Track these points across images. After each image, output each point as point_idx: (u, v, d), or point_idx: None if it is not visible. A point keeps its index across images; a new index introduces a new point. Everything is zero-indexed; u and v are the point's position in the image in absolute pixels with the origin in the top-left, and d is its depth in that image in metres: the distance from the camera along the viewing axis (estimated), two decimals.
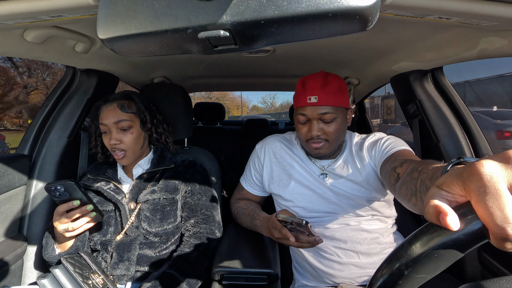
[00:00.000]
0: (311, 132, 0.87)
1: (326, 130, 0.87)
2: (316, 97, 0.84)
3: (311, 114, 0.86)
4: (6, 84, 11.40)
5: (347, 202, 0.91)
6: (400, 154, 0.79)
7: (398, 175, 0.68)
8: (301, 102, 0.87)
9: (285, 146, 1.03)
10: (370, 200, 0.90)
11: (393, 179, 0.69)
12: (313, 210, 0.94)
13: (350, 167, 0.92)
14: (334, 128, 0.87)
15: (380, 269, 0.28)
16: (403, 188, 0.61)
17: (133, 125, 0.93)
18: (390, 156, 0.81)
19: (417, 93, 1.14)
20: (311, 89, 0.85)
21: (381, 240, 0.90)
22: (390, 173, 0.72)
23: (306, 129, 0.89)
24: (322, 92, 0.85)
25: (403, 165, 0.68)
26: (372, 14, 0.32)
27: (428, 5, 0.52)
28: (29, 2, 0.53)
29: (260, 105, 43.74)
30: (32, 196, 1.00)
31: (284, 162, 1.00)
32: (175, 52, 0.38)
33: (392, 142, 0.87)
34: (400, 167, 0.69)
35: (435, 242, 0.25)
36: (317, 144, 0.89)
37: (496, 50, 0.74)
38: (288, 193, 0.96)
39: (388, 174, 0.73)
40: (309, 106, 0.86)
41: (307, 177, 0.95)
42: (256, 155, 1.07)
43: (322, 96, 0.85)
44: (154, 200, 0.92)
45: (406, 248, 0.27)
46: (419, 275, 0.26)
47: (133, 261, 0.87)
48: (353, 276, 0.87)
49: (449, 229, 0.24)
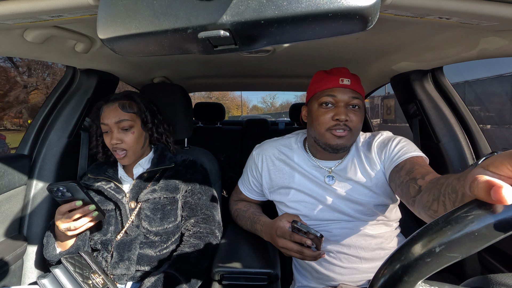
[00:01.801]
0: (340, 115, 0.80)
1: (353, 118, 0.82)
2: (349, 80, 0.82)
3: (342, 96, 0.81)
4: (6, 84, 11.40)
5: (353, 207, 0.86)
6: (416, 162, 0.75)
7: (420, 188, 0.64)
8: (331, 83, 0.82)
9: (284, 154, 0.97)
10: (378, 205, 0.86)
11: (413, 191, 0.66)
12: (316, 218, 0.90)
13: (359, 169, 0.87)
14: (359, 117, 0.83)
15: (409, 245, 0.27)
16: (425, 195, 0.57)
17: (134, 125, 0.93)
18: (403, 163, 0.77)
19: (417, 93, 1.14)
20: (343, 73, 0.83)
21: (385, 245, 0.88)
22: (410, 184, 0.68)
23: (331, 114, 0.82)
24: (353, 77, 0.83)
25: (425, 177, 0.65)
26: (372, 14, 0.32)
27: (428, 5, 0.52)
28: (29, 2, 0.53)
29: (260, 105, 43.77)
30: (32, 196, 1.00)
31: (284, 170, 0.95)
32: (175, 52, 0.38)
33: (404, 146, 0.82)
34: (422, 180, 0.65)
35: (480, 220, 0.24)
36: (341, 131, 0.82)
37: (496, 50, 0.74)
38: (290, 201, 0.92)
39: (406, 186, 0.69)
40: (342, 87, 0.81)
41: (309, 185, 0.90)
42: (253, 162, 1.02)
43: (354, 80, 0.82)
44: (155, 199, 0.92)
45: (441, 225, 0.26)
46: (451, 254, 0.25)
47: (133, 260, 0.87)
48: (354, 280, 0.86)
49: (502, 203, 0.23)
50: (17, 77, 11.86)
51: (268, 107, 42.80)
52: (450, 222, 0.25)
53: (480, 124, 1.09)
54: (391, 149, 0.84)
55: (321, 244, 0.72)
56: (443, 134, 1.10)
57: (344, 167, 0.89)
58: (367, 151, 0.89)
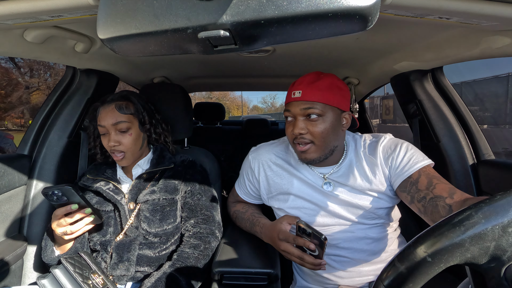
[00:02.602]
0: (294, 129, 0.80)
1: (311, 130, 0.79)
2: (300, 91, 0.79)
3: (294, 109, 0.81)
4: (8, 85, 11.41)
5: (353, 211, 0.85)
6: (431, 175, 0.76)
7: (451, 207, 0.66)
8: (287, 97, 0.83)
9: (280, 159, 0.95)
10: (378, 208, 0.85)
11: (444, 211, 0.67)
12: (316, 224, 0.88)
13: (358, 173, 0.85)
14: (320, 128, 0.79)
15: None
16: None
17: (131, 126, 0.92)
18: (416, 174, 0.77)
19: (417, 93, 1.14)
20: (297, 84, 0.81)
21: (386, 248, 0.88)
22: (438, 203, 0.69)
23: (291, 128, 0.83)
24: (307, 87, 0.79)
25: (454, 196, 0.67)
26: (372, 14, 0.32)
27: (428, 5, 0.52)
28: (29, 2, 0.53)
29: (260, 105, 43.75)
30: (32, 196, 1.00)
31: (282, 175, 0.93)
32: (175, 52, 0.38)
33: (412, 155, 0.81)
34: (451, 199, 0.67)
35: None
36: (302, 146, 0.81)
37: (496, 50, 0.74)
38: (289, 207, 0.90)
39: (432, 203, 0.71)
40: (293, 101, 0.81)
41: (308, 190, 0.89)
42: (249, 167, 1.00)
43: (306, 90, 0.79)
44: (154, 201, 0.92)
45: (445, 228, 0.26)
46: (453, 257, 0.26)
47: (132, 261, 0.87)
48: (354, 283, 0.86)
49: None
50: (19, 78, 11.88)
51: (269, 107, 42.79)
52: (455, 225, 0.26)
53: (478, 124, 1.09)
54: (399, 157, 0.82)
55: (324, 249, 0.71)
56: (443, 134, 1.10)
57: (342, 173, 0.87)
58: (370, 155, 0.86)
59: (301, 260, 0.75)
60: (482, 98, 8.97)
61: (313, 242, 0.72)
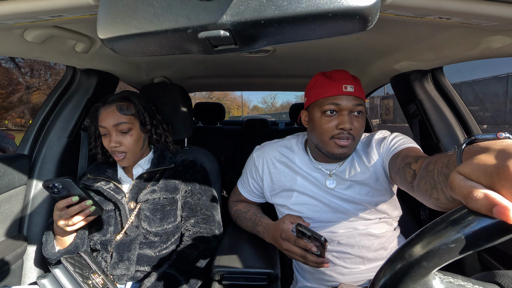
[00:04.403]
0: (344, 124, 0.79)
1: (356, 125, 0.81)
2: (352, 86, 0.80)
3: (346, 104, 0.80)
4: (9, 85, 11.42)
5: (355, 207, 0.87)
6: (411, 150, 0.76)
7: (415, 172, 0.64)
8: (333, 90, 0.80)
9: (285, 156, 0.96)
10: (378, 203, 0.87)
11: (409, 176, 0.66)
12: (319, 220, 0.90)
13: (359, 168, 0.88)
14: (361, 124, 0.82)
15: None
16: (421, 183, 0.57)
17: (132, 127, 0.92)
18: (399, 152, 0.78)
19: (417, 93, 1.14)
20: (345, 79, 0.81)
21: (387, 245, 0.89)
22: (405, 170, 0.68)
23: (335, 122, 0.81)
24: (356, 83, 0.81)
25: (418, 161, 0.65)
26: (372, 14, 0.32)
27: (428, 5, 0.52)
28: (29, 2, 0.53)
29: (260, 105, 43.79)
30: (32, 196, 1.00)
31: (286, 172, 0.94)
32: (175, 52, 0.38)
33: (401, 139, 0.84)
34: (415, 163, 0.66)
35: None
36: (345, 141, 0.81)
37: (496, 50, 0.74)
38: (293, 204, 0.92)
39: (402, 171, 0.70)
40: (345, 95, 0.79)
41: (311, 187, 0.90)
42: (254, 164, 1.01)
43: (357, 87, 0.81)
44: (154, 200, 0.92)
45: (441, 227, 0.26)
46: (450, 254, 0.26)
47: (133, 260, 0.87)
48: (355, 280, 0.86)
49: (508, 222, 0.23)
50: (19, 78, 11.88)
51: (269, 107, 42.83)
52: (450, 223, 0.26)
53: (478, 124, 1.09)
54: (389, 141, 0.85)
55: (325, 250, 0.72)
56: (443, 134, 1.10)
57: (345, 169, 0.90)
58: (366, 147, 0.90)
59: (304, 258, 0.76)
60: (482, 98, 8.98)
61: (314, 244, 0.73)
